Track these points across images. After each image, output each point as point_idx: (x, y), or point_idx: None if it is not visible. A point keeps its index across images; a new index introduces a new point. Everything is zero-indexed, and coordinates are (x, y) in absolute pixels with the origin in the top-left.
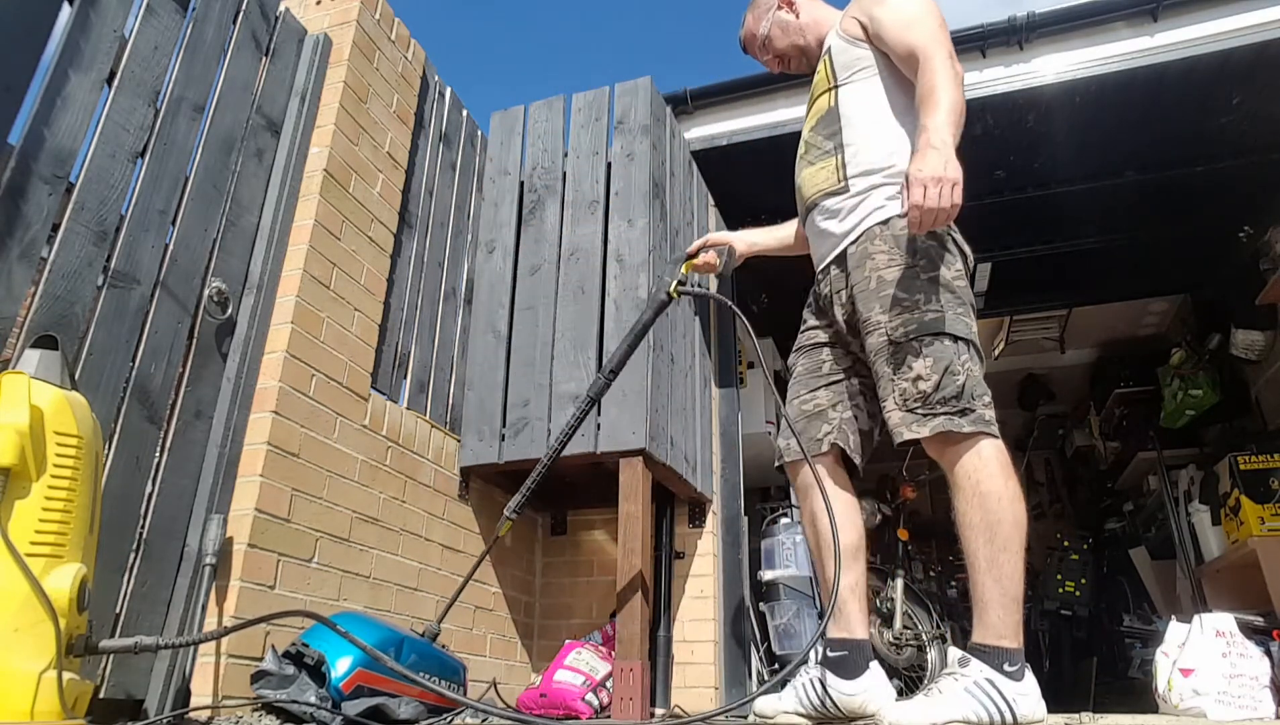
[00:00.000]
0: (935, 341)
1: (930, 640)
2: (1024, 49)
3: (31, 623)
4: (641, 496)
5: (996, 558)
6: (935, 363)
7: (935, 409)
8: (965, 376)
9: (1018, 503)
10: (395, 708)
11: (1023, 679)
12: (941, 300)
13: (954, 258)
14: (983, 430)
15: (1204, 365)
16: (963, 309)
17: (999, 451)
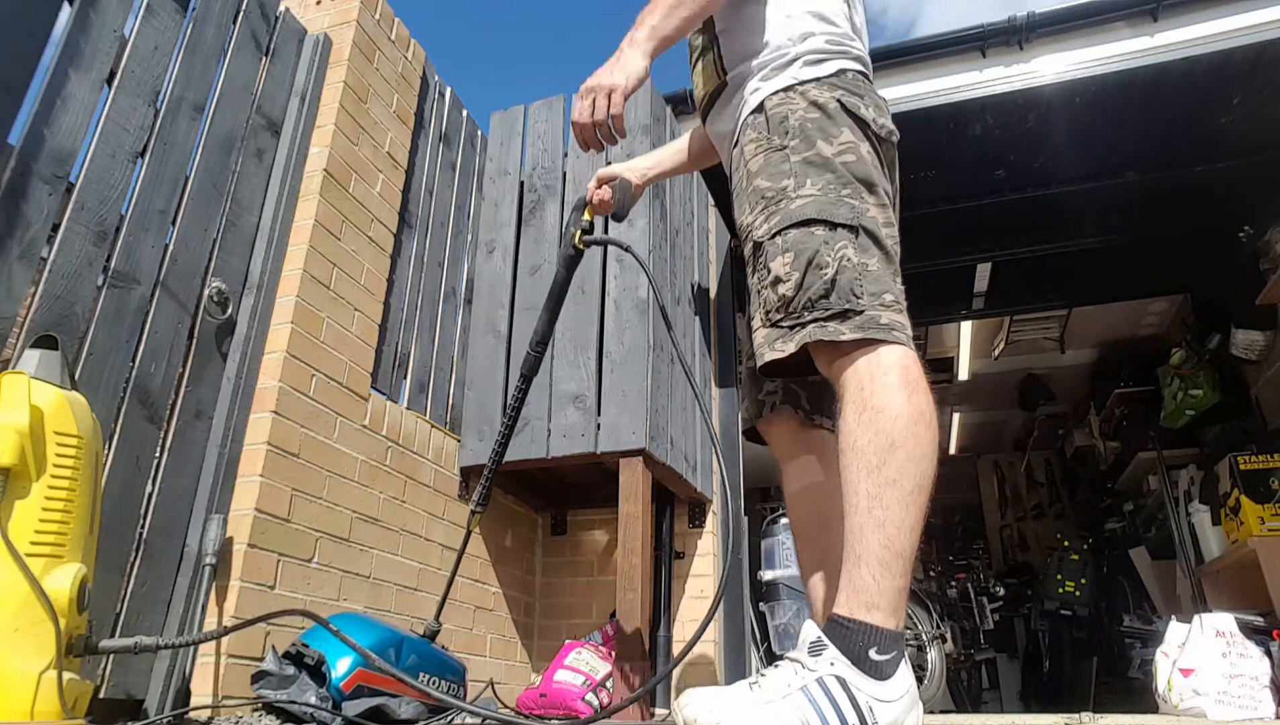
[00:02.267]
0: (798, 231)
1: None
2: (1024, 49)
3: (31, 623)
4: (641, 496)
5: (882, 494)
6: (796, 258)
7: (802, 316)
8: (837, 268)
9: (921, 426)
10: (396, 708)
11: (891, 675)
12: (817, 183)
13: (841, 129)
14: (875, 336)
15: (1204, 365)
16: (849, 190)
17: (904, 360)
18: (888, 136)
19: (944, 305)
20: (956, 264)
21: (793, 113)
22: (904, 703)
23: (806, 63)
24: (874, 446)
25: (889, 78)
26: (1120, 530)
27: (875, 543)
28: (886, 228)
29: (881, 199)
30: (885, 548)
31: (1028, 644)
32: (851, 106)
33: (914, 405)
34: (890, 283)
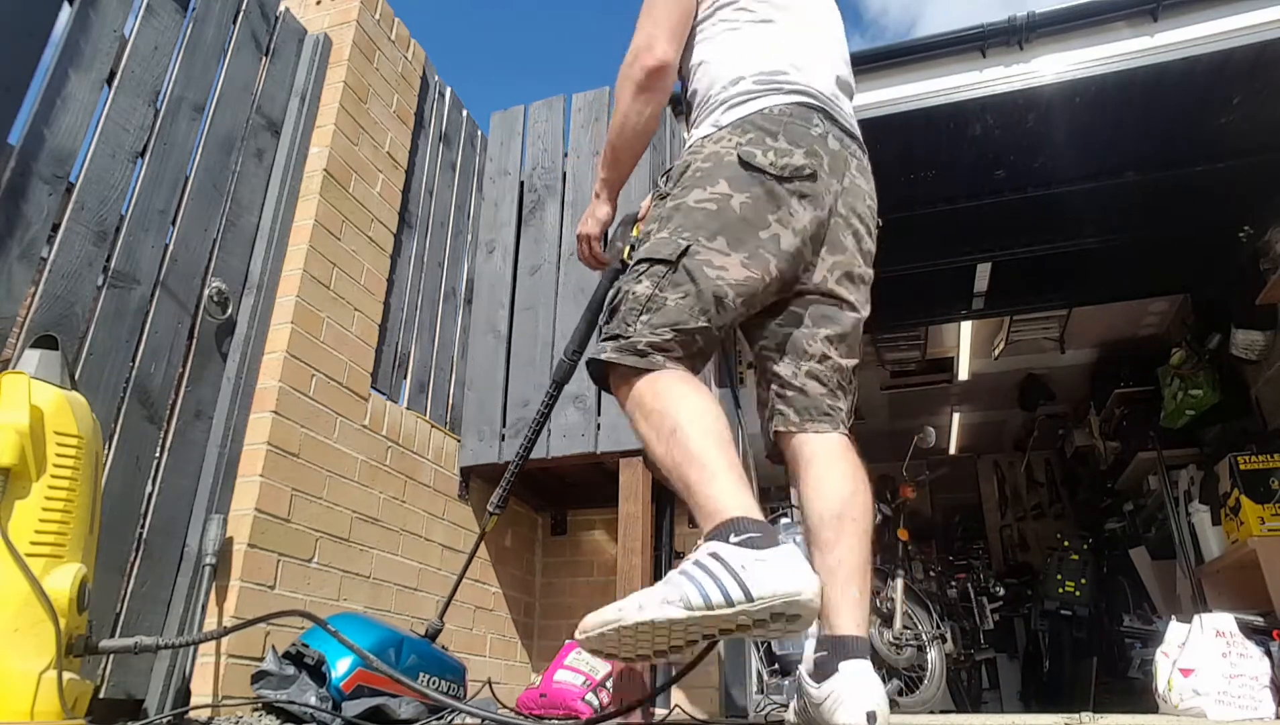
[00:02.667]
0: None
1: (930, 640)
2: (1024, 49)
3: (31, 623)
4: (641, 496)
5: (670, 454)
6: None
7: (600, 337)
8: (622, 297)
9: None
10: (396, 708)
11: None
12: (666, 227)
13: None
14: (629, 362)
15: (1204, 365)
16: (689, 232)
17: (644, 388)
18: (793, 174)
19: (944, 305)
20: (956, 264)
21: (694, 162)
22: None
23: (729, 107)
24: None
25: (889, 77)
26: (1120, 530)
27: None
28: (715, 272)
29: (727, 247)
30: (700, 479)
31: (1028, 644)
32: (747, 157)
33: (673, 386)
34: (684, 316)
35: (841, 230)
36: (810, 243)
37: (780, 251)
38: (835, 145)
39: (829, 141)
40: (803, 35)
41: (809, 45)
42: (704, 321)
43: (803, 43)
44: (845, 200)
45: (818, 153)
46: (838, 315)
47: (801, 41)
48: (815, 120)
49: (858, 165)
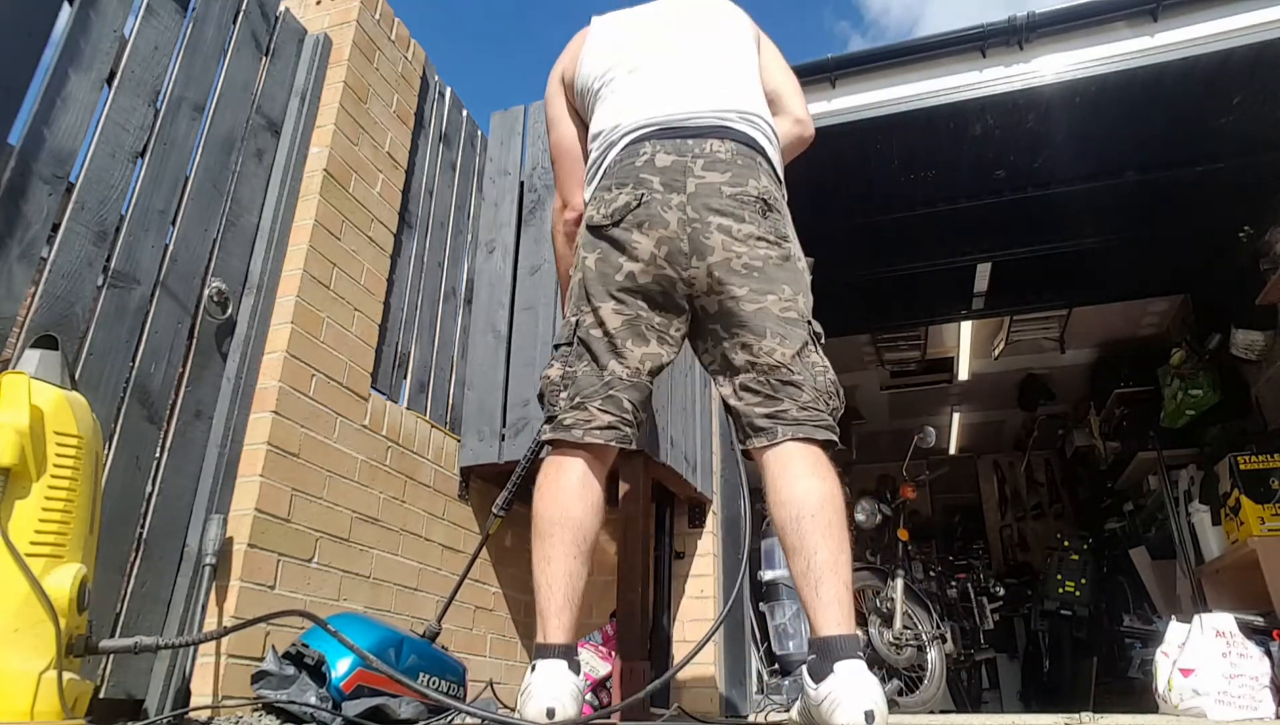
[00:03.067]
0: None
1: (930, 640)
2: (1024, 49)
3: (31, 623)
4: (641, 496)
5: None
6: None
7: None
8: (543, 386)
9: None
10: (396, 708)
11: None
12: (567, 309)
13: (581, 252)
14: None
15: (1204, 365)
16: (574, 307)
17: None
18: (621, 214)
19: (944, 305)
20: (956, 264)
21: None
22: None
23: (588, 180)
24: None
25: (889, 77)
26: (1120, 530)
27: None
28: (597, 330)
29: (597, 302)
30: (545, 600)
31: (1028, 644)
32: (589, 221)
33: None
34: (594, 379)
35: (703, 232)
36: (669, 261)
37: (639, 285)
38: (666, 160)
39: (657, 161)
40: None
41: (646, 82)
42: (610, 375)
43: (640, 86)
44: (695, 203)
45: (644, 180)
46: (740, 314)
47: (638, 86)
48: (642, 149)
49: (704, 163)
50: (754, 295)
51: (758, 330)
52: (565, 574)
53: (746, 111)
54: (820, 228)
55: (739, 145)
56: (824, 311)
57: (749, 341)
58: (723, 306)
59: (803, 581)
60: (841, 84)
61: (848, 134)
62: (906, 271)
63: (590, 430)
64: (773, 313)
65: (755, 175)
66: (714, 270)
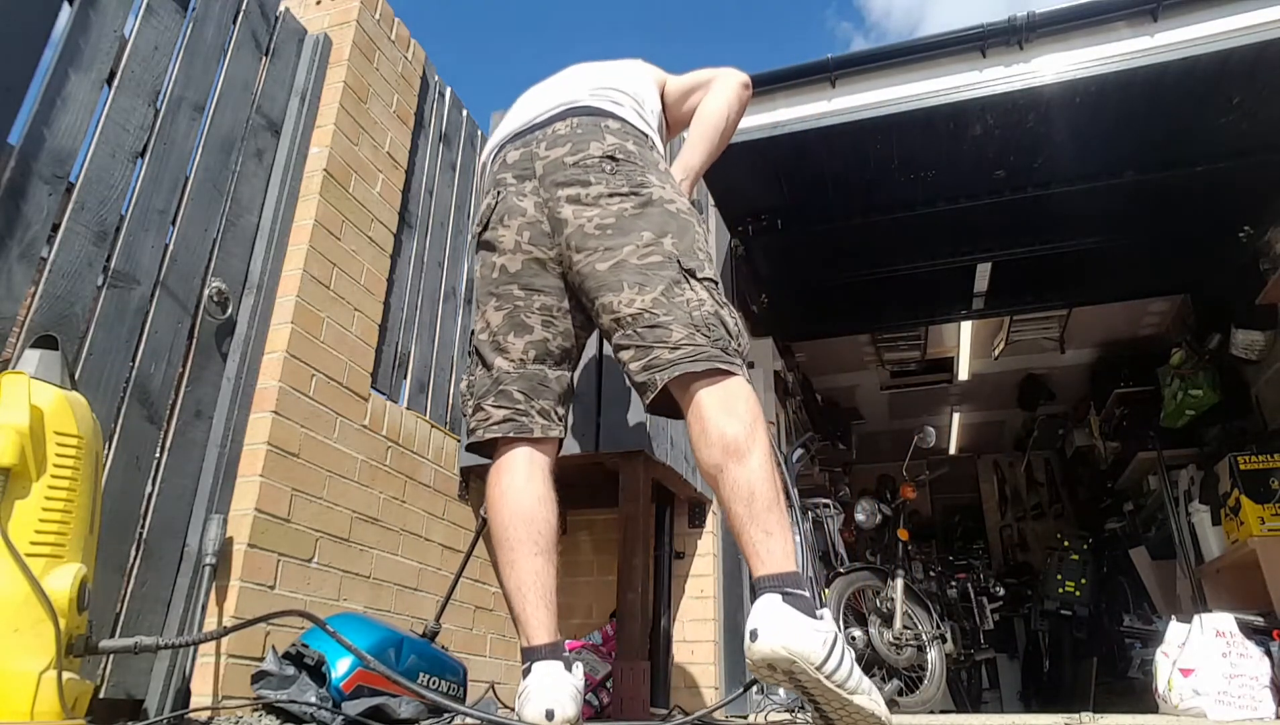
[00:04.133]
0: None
1: (930, 640)
2: (1024, 49)
3: (31, 623)
4: (641, 496)
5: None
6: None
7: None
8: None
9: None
10: (396, 707)
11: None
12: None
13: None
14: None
15: (1204, 365)
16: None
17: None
18: (485, 217)
19: (944, 305)
20: (956, 264)
21: None
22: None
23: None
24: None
25: (889, 77)
26: (1120, 530)
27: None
28: (481, 334)
29: (482, 306)
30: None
31: (1028, 644)
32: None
33: (496, 502)
34: (484, 380)
35: (556, 208)
36: (534, 244)
37: (510, 275)
38: (515, 155)
39: (508, 159)
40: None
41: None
42: (498, 369)
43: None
44: (545, 183)
45: (500, 180)
46: (597, 274)
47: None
48: (502, 154)
49: (547, 144)
50: (609, 253)
51: (614, 286)
52: (531, 573)
53: (598, 88)
54: (820, 227)
55: (581, 117)
56: (824, 311)
57: (608, 300)
58: (582, 272)
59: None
60: (841, 84)
61: (848, 134)
62: (906, 271)
63: (489, 426)
64: (630, 263)
65: (599, 136)
66: (571, 240)
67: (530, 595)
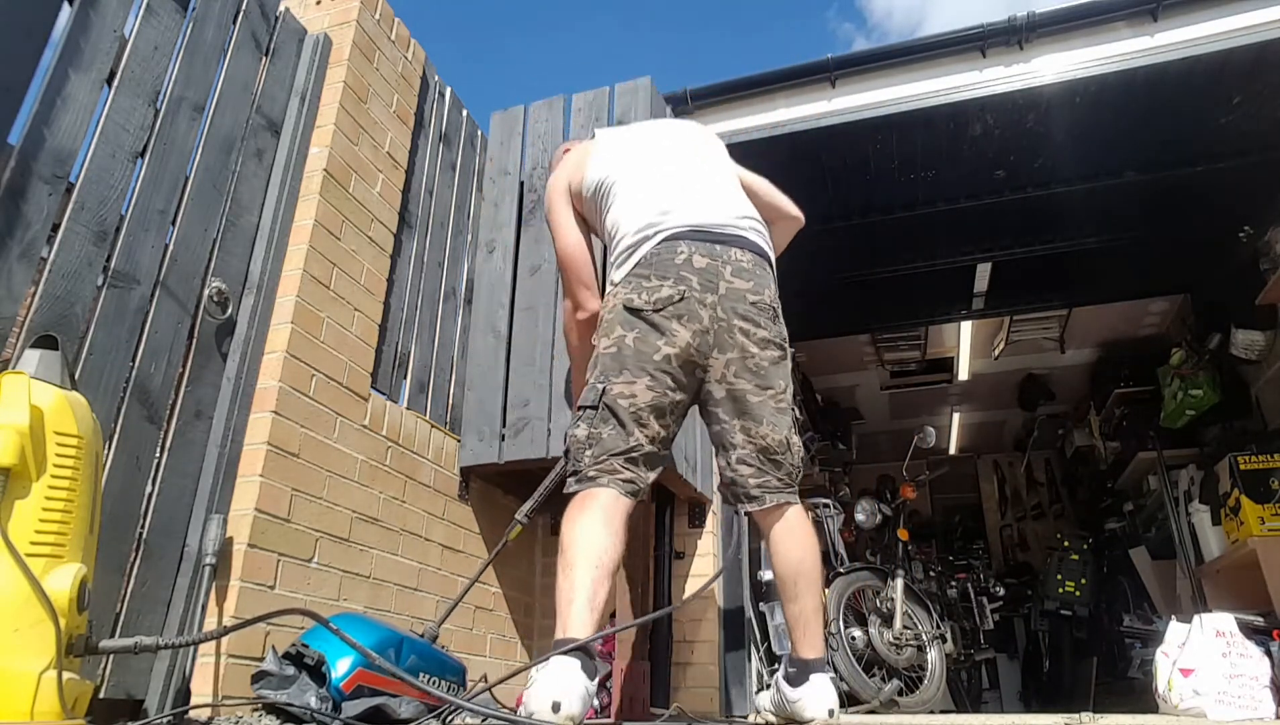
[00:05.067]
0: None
1: (930, 640)
2: (1024, 49)
3: (31, 623)
4: None
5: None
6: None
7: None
8: (570, 442)
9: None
10: (396, 707)
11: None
12: (591, 374)
13: (614, 327)
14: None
15: (1204, 365)
16: (602, 376)
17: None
18: (664, 304)
19: (944, 305)
20: (956, 264)
21: (604, 314)
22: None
23: (617, 266)
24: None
25: (889, 77)
26: (1120, 530)
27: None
28: (626, 400)
29: (630, 377)
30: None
31: (1028, 644)
32: (628, 303)
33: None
34: (619, 442)
35: (727, 332)
36: (699, 351)
37: (673, 367)
38: (701, 262)
39: (694, 262)
40: (663, 184)
41: (670, 188)
42: (636, 440)
43: (664, 189)
44: (724, 305)
45: (684, 278)
46: (745, 403)
47: (663, 189)
48: (680, 247)
49: (733, 270)
50: (758, 390)
51: (756, 418)
52: (589, 581)
53: (753, 220)
54: (820, 228)
55: (754, 255)
56: (824, 311)
57: (749, 427)
58: (730, 395)
59: (794, 621)
60: (841, 84)
61: (848, 134)
62: (906, 271)
63: (615, 481)
64: (770, 405)
65: (768, 283)
66: (730, 365)
67: (580, 595)
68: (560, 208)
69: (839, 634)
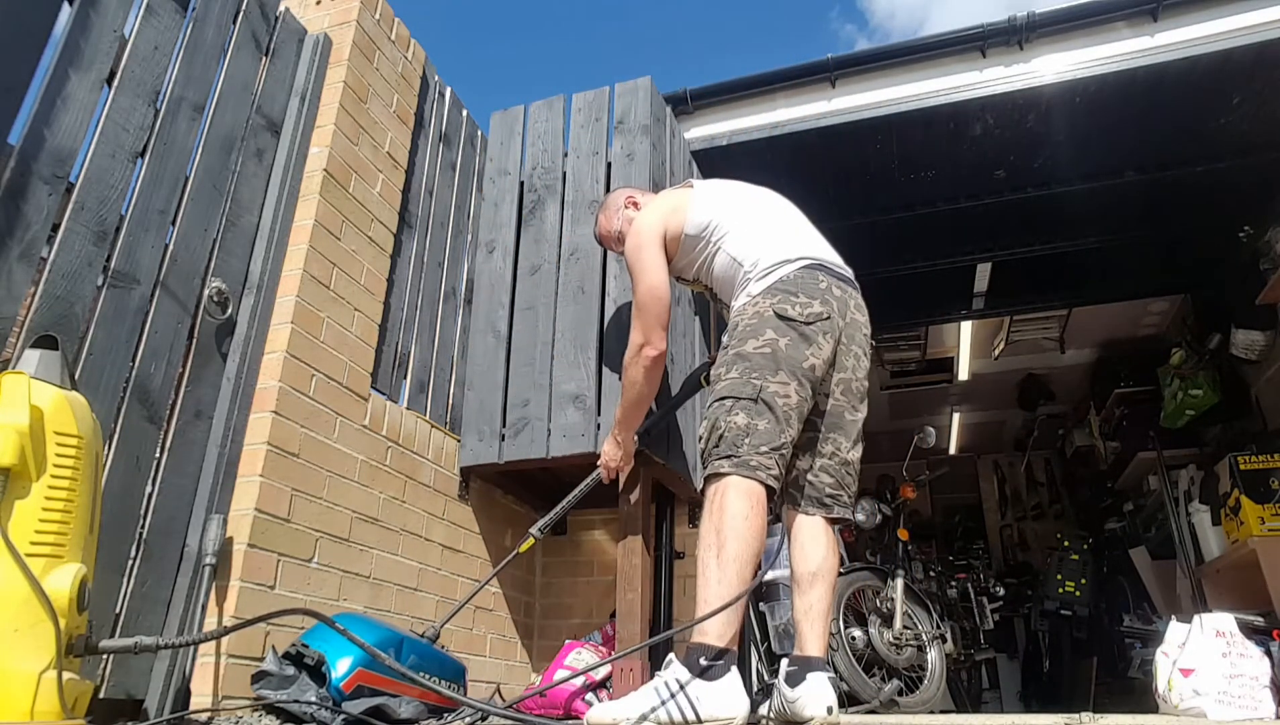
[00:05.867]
0: (716, 405)
1: (930, 640)
2: (1024, 49)
3: (31, 623)
4: (641, 496)
5: (709, 562)
6: (707, 423)
7: (708, 459)
8: (725, 428)
9: (741, 520)
10: (396, 707)
11: (718, 678)
12: (735, 371)
13: (765, 330)
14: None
15: (1204, 365)
16: (757, 373)
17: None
18: (815, 318)
19: (944, 305)
20: (956, 264)
21: (741, 321)
22: (722, 697)
23: (757, 280)
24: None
25: (889, 77)
26: (1120, 530)
27: (704, 594)
28: (782, 399)
29: (785, 378)
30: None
31: (1028, 644)
32: (780, 311)
33: (740, 509)
34: (774, 436)
35: (844, 354)
36: (828, 367)
37: (814, 377)
38: (838, 292)
39: (833, 291)
40: (785, 222)
41: (794, 226)
42: (786, 438)
43: (789, 226)
44: (847, 332)
45: (829, 302)
46: (842, 419)
47: (787, 225)
48: (820, 277)
49: (855, 304)
50: (852, 410)
51: (848, 435)
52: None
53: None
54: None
55: (860, 296)
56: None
57: (839, 441)
58: (833, 409)
59: (803, 616)
60: (841, 84)
61: (848, 134)
62: (906, 271)
63: (770, 477)
64: (857, 426)
65: (869, 322)
66: (839, 383)
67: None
68: (654, 247)
69: (839, 634)
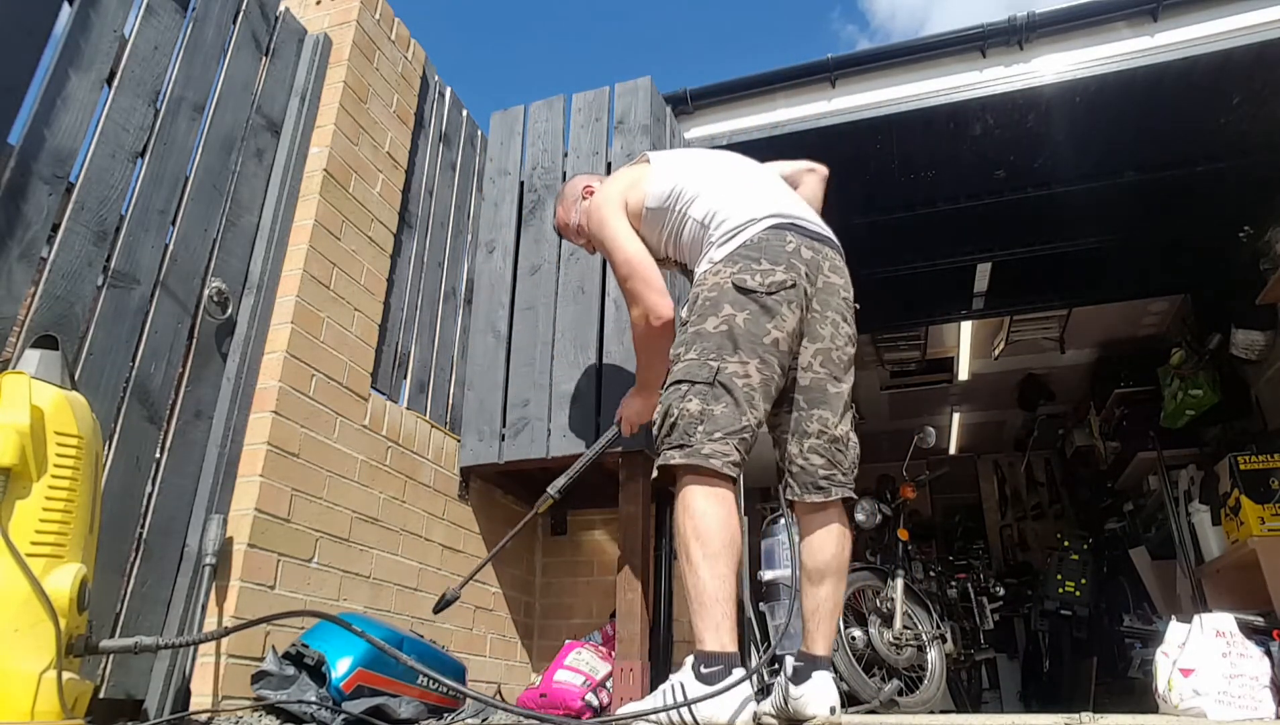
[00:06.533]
0: (671, 389)
1: (930, 640)
2: (1024, 49)
3: (31, 623)
4: (641, 496)
5: (685, 572)
6: (661, 408)
7: (659, 447)
8: (678, 415)
9: (711, 519)
10: (396, 707)
11: (717, 682)
12: (693, 351)
13: (723, 306)
14: (695, 463)
15: (1204, 365)
16: (714, 355)
17: (696, 487)
18: (777, 287)
19: (944, 305)
20: (956, 264)
21: (701, 292)
22: (723, 700)
23: (719, 245)
24: (689, 535)
25: (889, 77)
26: (1120, 530)
27: (693, 596)
28: (742, 380)
29: (745, 357)
30: (699, 599)
31: (1028, 644)
32: (739, 282)
33: (710, 504)
34: (733, 421)
35: (819, 322)
36: (796, 338)
37: (779, 351)
38: (808, 253)
39: (801, 252)
40: (752, 179)
41: (762, 183)
42: (748, 420)
43: (756, 183)
44: (820, 297)
45: (794, 266)
46: (825, 392)
47: (755, 182)
48: (788, 237)
49: (830, 266)
50: (835, 382)
51: (833, 409)
52: (732, 590)
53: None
54: None
55: (840, 256)
56: None
57: (825, 416)
58: (813, 384)
59: (811, 611)
60: (841, 84)
61: (847, 134)
62: (906, 271)
63: (727, 463)
64: (843, 397)
65: (850, 284)
66: (817, 354)
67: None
68: (616, 218)
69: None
